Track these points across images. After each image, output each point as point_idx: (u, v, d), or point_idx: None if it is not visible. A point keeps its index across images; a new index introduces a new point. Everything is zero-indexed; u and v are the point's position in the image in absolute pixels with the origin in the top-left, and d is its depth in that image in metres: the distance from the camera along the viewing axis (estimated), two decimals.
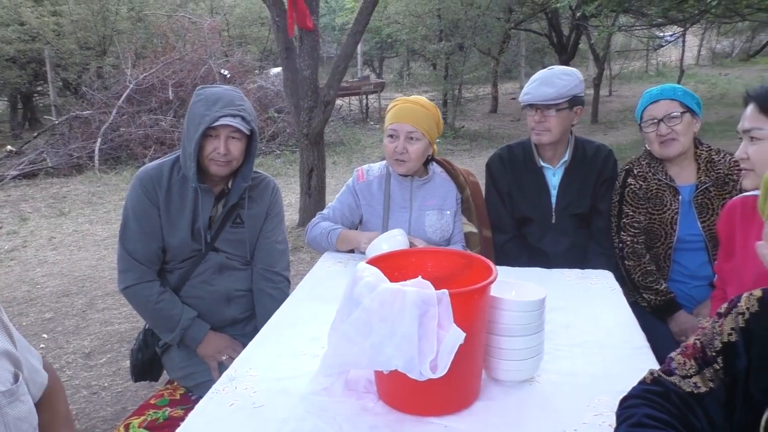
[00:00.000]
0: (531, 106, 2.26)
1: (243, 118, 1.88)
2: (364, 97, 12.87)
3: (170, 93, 9.05)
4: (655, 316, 2.20)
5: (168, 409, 1.91)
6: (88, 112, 8.90)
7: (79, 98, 9.93)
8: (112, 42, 11.31)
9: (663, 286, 2.20)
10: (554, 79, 2.21)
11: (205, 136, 1.86)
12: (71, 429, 1.46)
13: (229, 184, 2.01)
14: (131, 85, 9.00)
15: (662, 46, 12.75)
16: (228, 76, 9.73)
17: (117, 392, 2.91)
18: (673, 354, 1.14)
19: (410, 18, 11.68)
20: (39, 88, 12.27)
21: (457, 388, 1.24)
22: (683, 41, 12.80)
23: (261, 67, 11.93)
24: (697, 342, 1.12)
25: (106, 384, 2.98)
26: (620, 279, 2.14)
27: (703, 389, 1.07)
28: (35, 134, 9.70)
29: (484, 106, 14.20)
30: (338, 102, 12.25)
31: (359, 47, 13.15)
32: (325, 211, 2.33)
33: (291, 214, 5.98)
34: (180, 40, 10.37)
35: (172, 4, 12.81)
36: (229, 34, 13.21)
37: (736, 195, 1.85)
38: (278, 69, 10.82)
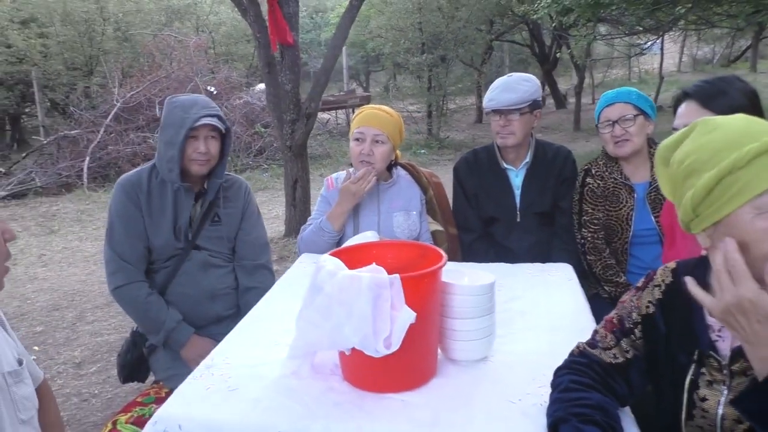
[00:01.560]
0: (495, 111, 2.40)
1: (219, 118, 2.05)
2: (350, 110, 13.03)
3: (157, 110, 9.17)
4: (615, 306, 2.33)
5: (154, 406, 2.01)
6: (75, 131, 9.01)
7: (67, 118, 10.05)
8: (99, 62, 11.45)
9: (622, 279, 2.34)
10: (515, 85, 2.36)
11: (187, 138, 2.01)
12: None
13: (205, 185, 2.15)
14: (118, 104, 9.12)
15: (642, 54, 13.04)
16: (215, 92, 9.88)
17: (107, 398, 3.00)
18: (597, 327, 1.27)
19: (392, 32, 11.88)
20: (27, 110, 12.38)
21: (413, 366, 1.36)
22: (661, 48, 13.07)
23: (247, 84, 12.09)
24: (616, 316, 1.25)
25: (96, 391, 3.08)
26: (582, 272, 2.27)
27: (620, 360, 1.20)
28: (24, 155, 9.78)
29: (468, 116, 14.40)
30: (325, 115, 12.42)
31: (345, 61, 13.33)
32: (307, 223, 2.47)
33: (277, 225, 6.10)
34: (166, 59, 10.52)
35: (158, 23, 13.00)
36: (215, 51, 13.38)
37: None
38: (263, 85, 10.97)
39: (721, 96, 1.70)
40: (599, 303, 2.25)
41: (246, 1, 4.95)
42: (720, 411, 1.09)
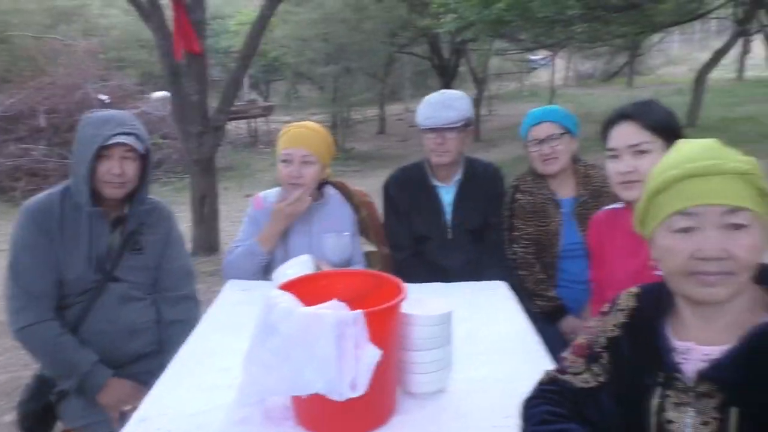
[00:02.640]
0: (432, 129, 2.37)
1: (137, 137, 1.86)
2: (252, 120, 12.74)
3: (42, 120, 8.47)
4: (546, 320, 2.36)
5: None
6: None
7: None
8: None
9: (552, 293, 2.37)
10: (454, 103, 2.35)
11: (98, 157, 1.81)
12: None
13: (125, 210, 1.95)
14: None
15: (535, 69, 13.75)
16: (107, 101, 9.27)
17: None
18: (565, 353, 1.26)
19: (297, 42, 11.75)
20: None
21: (374, 405, 1.28)
22: (553, 64, 13.84)
23: (142, 92, 11.48)
24: (584, 341, 1.24)
25: None
26: (514, 288, 2.29)
27: (592, 384, 1.19)
28: None
29: (372, 127, 14.49)
30: (226, 126, 12.02)
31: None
32: (233, 244, 2.33)
33: None
34: (51, 64, 9.76)
35: (41, 24, 12.05)
36: (106, 57, 12.60)
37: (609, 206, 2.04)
38: (161, 93, 10.48)
39: (652, 113, 1.77)
40: (531, 318, 2.26)
41: (148, 6, 4.66)
42: None
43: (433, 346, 1.37)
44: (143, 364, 1.96)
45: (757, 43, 18.42)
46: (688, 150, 1.09)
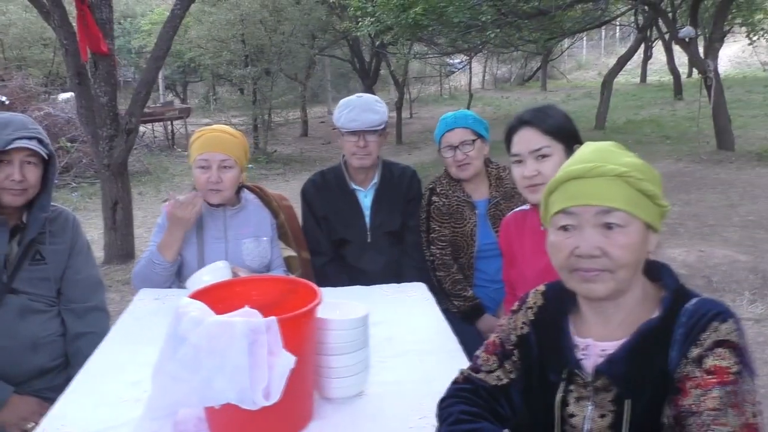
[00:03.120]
0: (353, 132, 2.37)
1: (39, 141, 1.77)
2: (168, 123, 12.32)
3: None
4: (464, 319, 2.42)
5: None
6: None
7: None
8: None
9: (470, 293, 2.43)
10: (375, 106, 2.37)
11: None
12: None
13: (24, 218, 1.84)
14: None
15: (453, 72, 14.06)
16: (6, 102, 8.71)
17: None
18: (478, 352, 1.29)
19: (213, 42, 11.48)
20: None
21: (290, 412, 1.27)
22: (470, 68, 14.21)
23: (47, 93, 10.87)
24: (497, 339, 1.27)
25: None
26: (432, 289, 2.33)
27: (505, 380, 1.22)
28: None
29: (294, 129, 14.37)
30: (141, 129, 11.57)
31: (160, 71, 12.59)
32: (143, 254, 2.24)
33: (95, 251, 5.50)
34: None
35: None
36: (5, 56, 11.83)
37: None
38: (68, 94, 9.97)
39: (549, 119, 1.84)
40: (449, 318, 2.30)
41: (48, 4, 4.41)
42: (586, 426, 1.15)
43: (350, 350, 1.37)
44: (48, 380, 1.87)
45: (658, 48, 19.68)
46: (581, 153, 1.15)
